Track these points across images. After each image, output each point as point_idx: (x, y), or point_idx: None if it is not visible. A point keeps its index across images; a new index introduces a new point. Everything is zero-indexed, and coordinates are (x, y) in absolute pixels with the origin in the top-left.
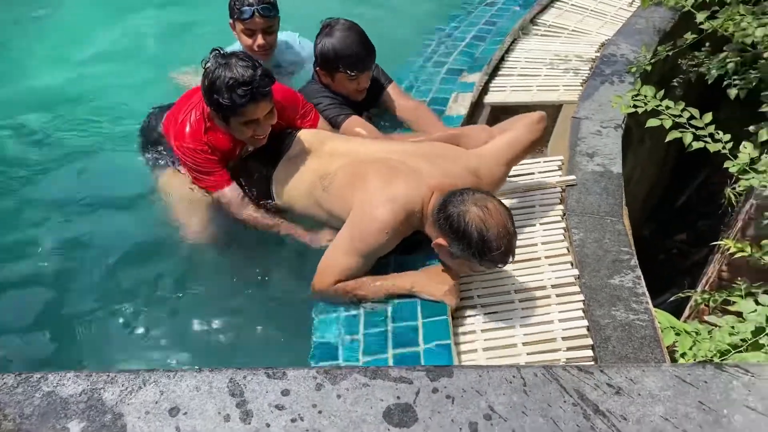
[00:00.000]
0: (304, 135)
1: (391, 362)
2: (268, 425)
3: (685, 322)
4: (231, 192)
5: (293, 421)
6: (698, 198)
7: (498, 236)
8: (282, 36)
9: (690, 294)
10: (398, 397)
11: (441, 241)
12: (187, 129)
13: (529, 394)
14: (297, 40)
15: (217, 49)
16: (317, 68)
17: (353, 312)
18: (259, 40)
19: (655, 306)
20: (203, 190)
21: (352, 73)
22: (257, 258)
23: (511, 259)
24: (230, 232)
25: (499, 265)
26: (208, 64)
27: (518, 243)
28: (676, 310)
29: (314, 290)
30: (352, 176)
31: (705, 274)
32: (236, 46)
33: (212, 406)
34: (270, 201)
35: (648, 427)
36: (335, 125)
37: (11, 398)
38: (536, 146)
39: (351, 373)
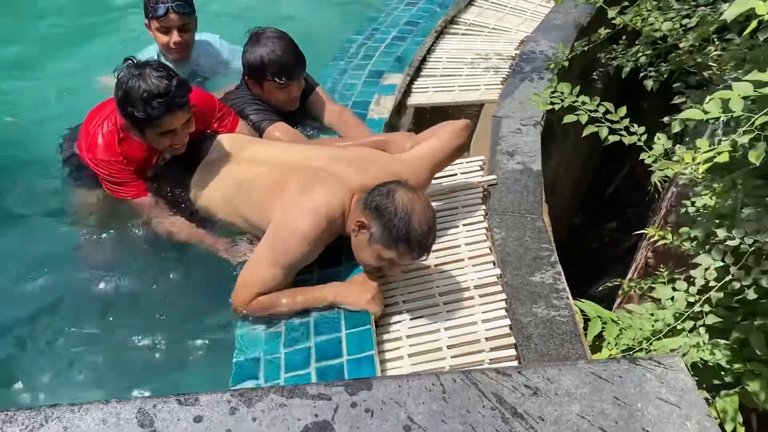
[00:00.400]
0: (223, 140)
1: (314, 377)
2: None
3: (616, 309)
4: (148, 202)
5: None
6: (627, 186)
7: (420, 222)
8: (202, 37)
9: (618, 282)
10: (316, 415)
11: (361, 219)
12: (100, 141)
13: (449, 401)
14: (218, 42)
15: (130, 59)
16: (246, 77)
17: (275, 329)
18: (175, 37)
19: (590, 295)
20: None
21: (281, 82)
22: (174, 276)
23: (425, 256)
24: (146, 249)
25: (413, 255)
26: (121, 75)
27: (442, 245)
28: (610, 298)
29: (235, 305)
30: (272, 184)
31: (634, 261)
32: (153, 49)
33: None
34: (189, 209)
35: (565, 426)
36: (259, 131)
37: None
38: (460, 153)
39: (267, 393)
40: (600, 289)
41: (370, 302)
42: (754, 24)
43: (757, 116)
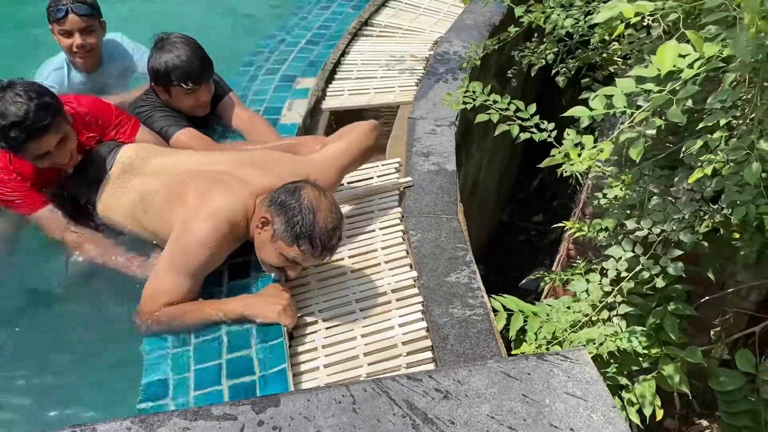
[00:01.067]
0: (126, 151)
1: (226, 395)
2: None
3: (541, 302)
4: (49, 214)
5: None
6: (550, 179)
7: (325, 220)
8: (107, 37)
9: (541, 275)
10: None
11: (265, 216)
12: None
13: (359, 411)
14: (123, 40)
15: None
16: (153, 84)
17: (184, 346)
18: (77, 39)
19: (520, 288)
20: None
21: (188, 87)
22: (73, 291)
23: (329, 256)
24: (44, 266)
25: (316, 254)
26: None
27: (358, 250)
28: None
29: (140, 319)
30: (171, 193)
31: (558, 254)
32: (60, 56)
33: None
34: (96, 224)
35: (475, 428)
36: (166, 137)
37: None
38: (369, 154)
39: (170, 417)
40: (525, 282)
41: (281, 314)
42: (621, 28)
43: (637, 113)
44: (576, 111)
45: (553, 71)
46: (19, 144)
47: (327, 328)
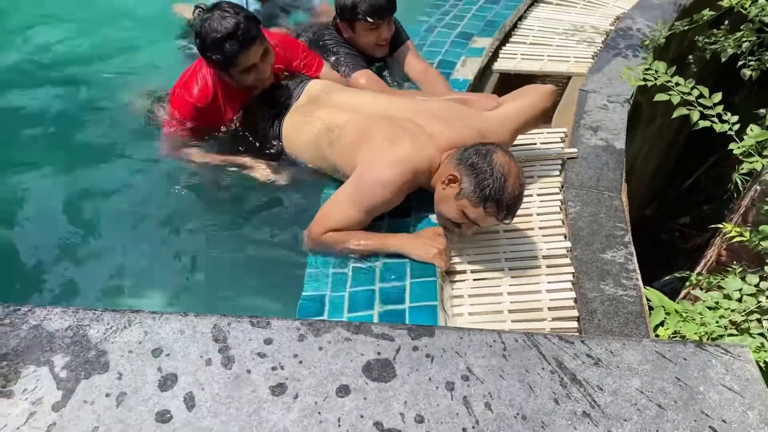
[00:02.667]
0: (314, 85)
1: (376, 319)
2: (248, 372)
3: (679, 302)
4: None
5: (273, 369)
6: (706, 181)
7: (513, 185)
8: None
9: (686, 275)
10: (379, 353)
11: (454, 173)
12: (195, 87)
13: (508, 358)
14: None
15: (199, 7)
16: (338, 20)
17: (342, 269)
18: None
19: (652, 286)
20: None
21: (371, 21)
22: (253, 206)
23: (509, 219)
24: (225, 179)
25: (500, 217)
26: (195, 24)
27: None
28: (674, 292)
29: (308, 237)
30: (360, 132)
31: (704, 258)
32: None
33: (195, 350)
34: (278, 149)
35: (623, 398)
36: (346, 75)
37: None
38: (544, 117)
39: (334, 326)
40: (664, 281)
41: (436, 256)
42: None
43: None
44: None
45: (740, 63)
46: (234, 55)
47: (475, 279)
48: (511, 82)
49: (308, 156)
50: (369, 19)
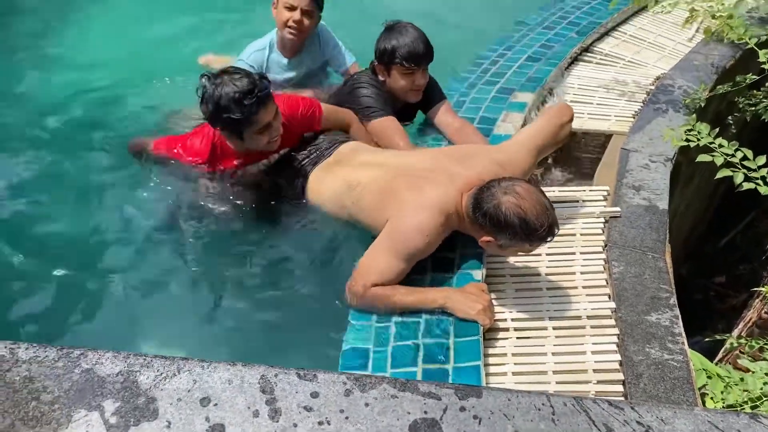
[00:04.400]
0: (344, 147)
1: (419, 377)
2: (295, 425)
3: (717, 365)
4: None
5: (320, 423)
6: (742, 240)
7: (538, 215)
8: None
9: (725, 337)
10: (425, 412)
11: (487, 238)
12: (194, 145)
13: (557, 423)
14: (322, 31)
15: (205, 75)
16: (375, 64)
17: (385, 322)
18: (296, 15)
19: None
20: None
21: (408, 66)
22: (295, 257)
23: (557, 231)
24: (269, 229)
25: (549, 239)
26: (205, 90)
27: (557, 269)
28: (708, 353)
29: (350, 291)
30: (383, 188)
31: (742, 319)
32: (265, 37)
33: (242, 401)
34: (300, 197)
35: None
36: (367, 117)
37: (51, 371)
38: (562, 135)
39: (380, 382)
40: (705, 341)
41: (480, 313)
42: None
43: None
44: None
45: None
46: (253, 113)
47: (518, 338)
48: None
49: (331, 209)
50: (406, 64)
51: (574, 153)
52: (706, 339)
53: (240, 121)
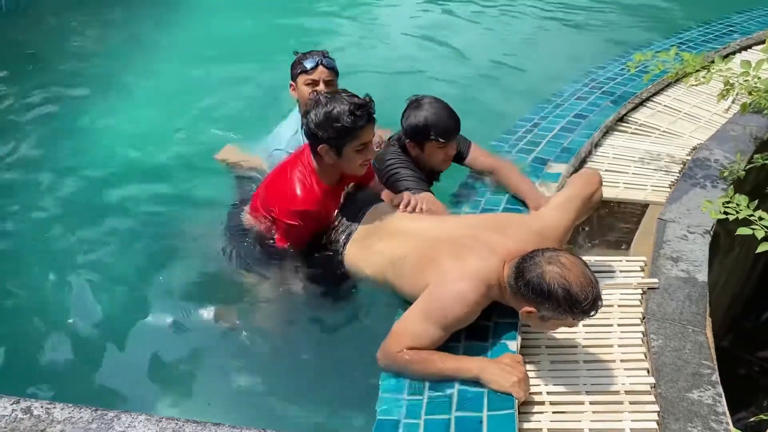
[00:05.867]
0: (371, 215)
1: None
2: None
3: None
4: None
5: None
6: None
7: (582, 287)
8: None
9: None
10: None
11: (528, 308)
12: (298, 190)
13: None
14: None
15: (317, 92)
16: (406, 141)
17: (417, 395)
18: (320, 87)
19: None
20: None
21: (442, 141)
22: (327, 318)
23: (601, 304)
24: (302, 295)
25: (592, 313)
26: (313, 105)
27: (594, 342)
28: (747, 429)
29: (384, 353)
30: (422, 257)
31: None
32: (291, 119)
33: None
34: (340, 268)
35: None
36: None
37: None
38: (594, 201)
39: None
40: (743, 418)
41: (515, 385)
42: None
43: None
44: None
45: None
46: (362, 124)
47: (554, 413)
48: None
49: (374, 279)
50: (441, 140)
51: (609, 223)
52: (752, 419)
53: (348, 130)
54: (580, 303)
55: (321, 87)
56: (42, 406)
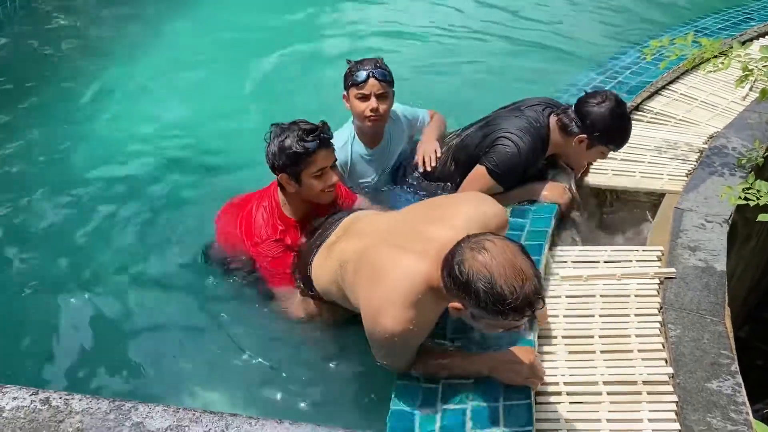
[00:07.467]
0: (346, 221)
1: None
2: None
3: None
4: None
5: None
6: None
7: (507, 280)
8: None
9: None
10: None
11: (456, 304)
12: (259, 219)
13: None
14: (397, 112)
15: (275, 124)
16: (580, 134)
17: (432, 384)
18: (373, 103)
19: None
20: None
21: (611, 148)
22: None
23: (539, 305)
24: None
25: (526, 315)
26: (271, 134)
27: (610, 332)
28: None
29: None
30: (356, 266)
31: None
32: (345, 130)
33: None
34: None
35: None
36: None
37: (103, 424)
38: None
39: None
40: (761, 409)
41: (527, 380)
42: None
43: None
44: None
45: None
46: (312, 150)
47: (571, 403)
48: (604, 195)
49: (333, 295)
50: (612, 148)
51: (626, 212)
52: (763, 410)
53: (299, 156)
54: (504, 299)
55: (372, 102)
56: (60, 397)
